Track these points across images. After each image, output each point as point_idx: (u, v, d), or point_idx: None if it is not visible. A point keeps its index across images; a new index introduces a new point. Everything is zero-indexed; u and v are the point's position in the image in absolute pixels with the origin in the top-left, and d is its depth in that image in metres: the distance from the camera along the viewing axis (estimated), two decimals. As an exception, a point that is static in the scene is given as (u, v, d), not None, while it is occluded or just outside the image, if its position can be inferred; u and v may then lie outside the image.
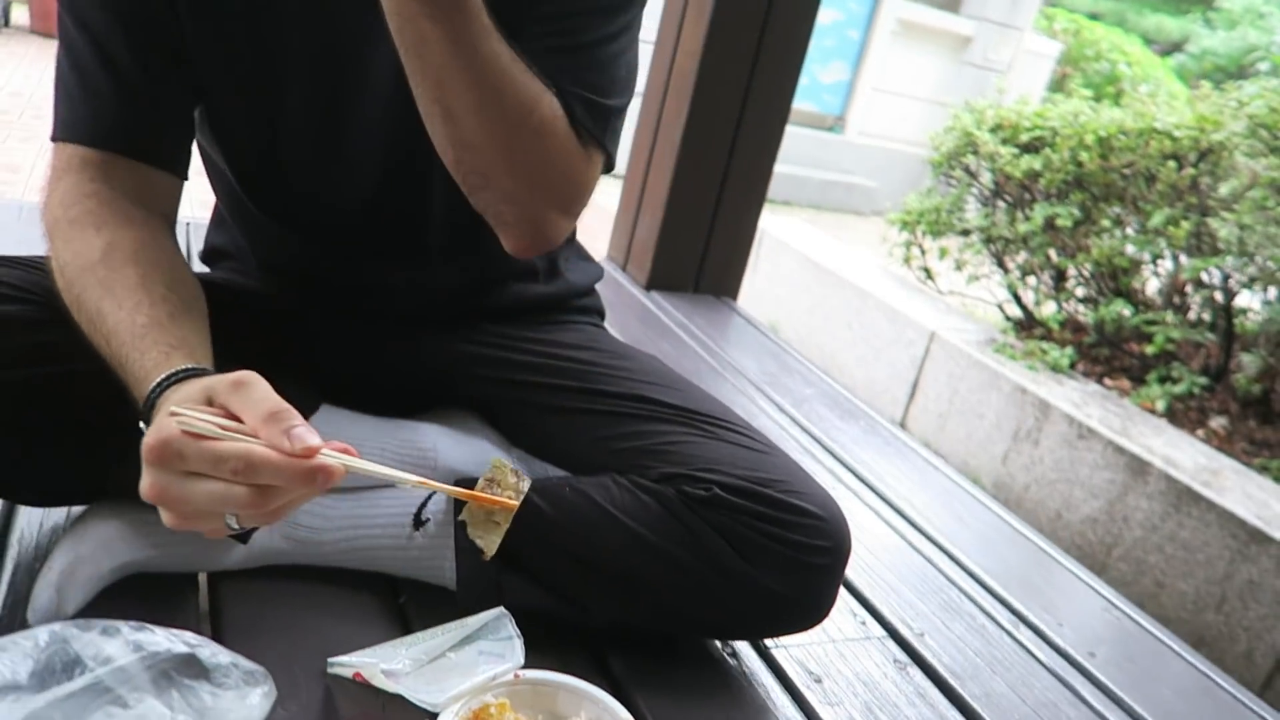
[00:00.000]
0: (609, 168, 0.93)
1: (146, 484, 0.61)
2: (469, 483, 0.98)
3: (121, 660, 0.61)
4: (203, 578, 0.97)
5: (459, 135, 0.81)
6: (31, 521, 1.00)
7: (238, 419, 0.65)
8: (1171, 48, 11.90)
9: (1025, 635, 1.25)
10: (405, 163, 0.97)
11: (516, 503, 0.66)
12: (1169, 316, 2.87)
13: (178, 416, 0.63)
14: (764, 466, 0.95)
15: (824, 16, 2.28)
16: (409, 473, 1.01)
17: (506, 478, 0.67)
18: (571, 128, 0.85)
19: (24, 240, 0.97)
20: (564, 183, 0.87)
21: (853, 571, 1.29)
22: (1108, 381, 3.00)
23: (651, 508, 0.92)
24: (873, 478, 1.62)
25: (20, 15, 6.11)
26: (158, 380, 0.71)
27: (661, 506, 0.92)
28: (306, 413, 0.97)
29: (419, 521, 0.97)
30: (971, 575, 1.38)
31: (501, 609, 0.92)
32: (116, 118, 0.87)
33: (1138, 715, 1.15)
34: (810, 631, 1.12)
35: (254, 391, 0.63)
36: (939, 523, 1.52)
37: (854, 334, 3.37)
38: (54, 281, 0.82)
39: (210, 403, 0.66)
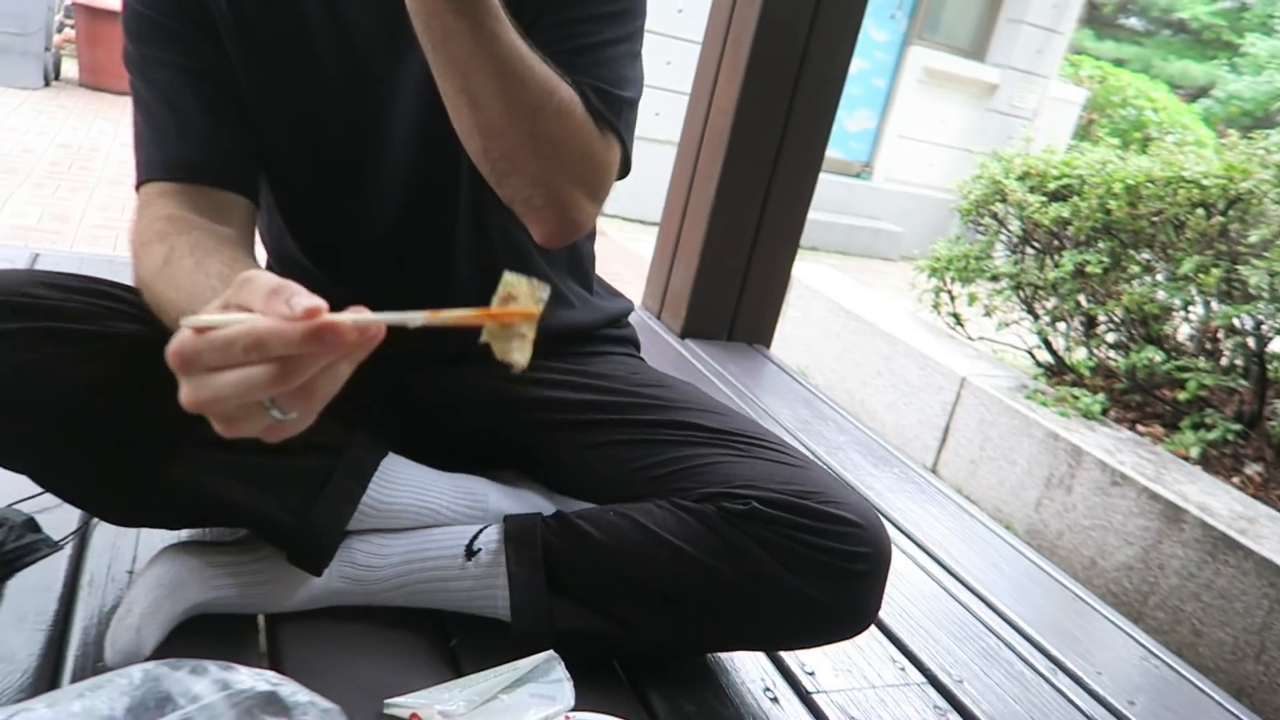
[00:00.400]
0: (626, 169, 0.97)
1: (181, 394, 0.60)
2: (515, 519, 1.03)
3: (209, 698, 0.64)
4: (262, 619, 1.00)
5: (486, 122, 0.85)
6: (99, 567, 1.04)
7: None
8: (1197, 93, 11.93)
9: (1064, 683, 1.26)
10: (433, 173, 1.03)
11: (538, 309, 0.63)
12: (1201, 363, 2.87)
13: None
14: (801, 480, 0.97)
15: (850, 66, 2.33)
16: (463, 516, 1.06)
17: (521, 289, 0.63)
18: (588, 113, 0.90)
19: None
20: (587, 164, 0.91)
21: (891, 618, 1.30)
22: (1140, 428, 2.99)
23: (693, 525, 0.95)
24: (909, 525, 1.64)
25: (70, 69, 6.32)
26: None
27: (703, 524, 0.95)
28: (375, 459, 1.02)
29: (471, 552, 1.01)
30: (1009, 622, 1.39)
31: (552, 652, 0.95)
32: (185, 153, 0.94)
33: (1178, 764, 1.15)
34: (851, 677, 1.14)
35: (256, 280, 0.62)
36: (975, 570, 1.53)
37: (884, 380, 3.38)
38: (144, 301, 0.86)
39: (225, 309, 0.66)
